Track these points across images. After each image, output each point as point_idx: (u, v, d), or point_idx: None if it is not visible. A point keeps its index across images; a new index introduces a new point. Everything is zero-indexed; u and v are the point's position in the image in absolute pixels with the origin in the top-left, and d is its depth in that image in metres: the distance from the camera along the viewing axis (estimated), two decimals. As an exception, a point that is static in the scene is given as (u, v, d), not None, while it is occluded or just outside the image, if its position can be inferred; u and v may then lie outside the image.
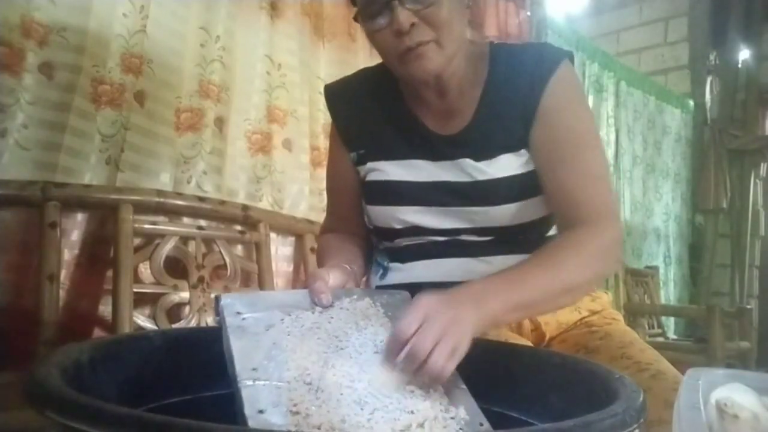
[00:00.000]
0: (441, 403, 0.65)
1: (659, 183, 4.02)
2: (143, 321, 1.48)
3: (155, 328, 1.46)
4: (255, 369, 0.62)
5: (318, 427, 0.57)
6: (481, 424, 0.65)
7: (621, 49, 4.50)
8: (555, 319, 1.01)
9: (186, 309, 1.58)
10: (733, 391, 0.66)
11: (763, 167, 4.19)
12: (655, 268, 3.83)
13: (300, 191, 1.97)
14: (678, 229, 4.19)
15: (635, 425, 0.51)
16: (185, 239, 1.62)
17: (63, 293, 1.41)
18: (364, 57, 2.10)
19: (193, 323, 1.55)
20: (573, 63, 0.93)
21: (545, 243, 0.92)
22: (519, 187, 0.90)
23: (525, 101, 0.89)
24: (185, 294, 1.57)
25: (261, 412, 0.58)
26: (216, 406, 0.69)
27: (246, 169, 1.85)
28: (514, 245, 0.92)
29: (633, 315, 3.29)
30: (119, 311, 1.41)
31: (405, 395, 0.64)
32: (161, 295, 1.53)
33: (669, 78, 4.39)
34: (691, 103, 4.28)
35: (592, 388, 0.64)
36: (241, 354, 0.63)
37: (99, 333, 1.48)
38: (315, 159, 2.01)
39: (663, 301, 3.81)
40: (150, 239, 1.56)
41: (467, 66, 0.92)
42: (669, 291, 4.05)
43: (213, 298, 0.75)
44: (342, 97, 1.02)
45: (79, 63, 1.49)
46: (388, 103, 0.97)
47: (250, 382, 0.61)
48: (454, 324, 0.65)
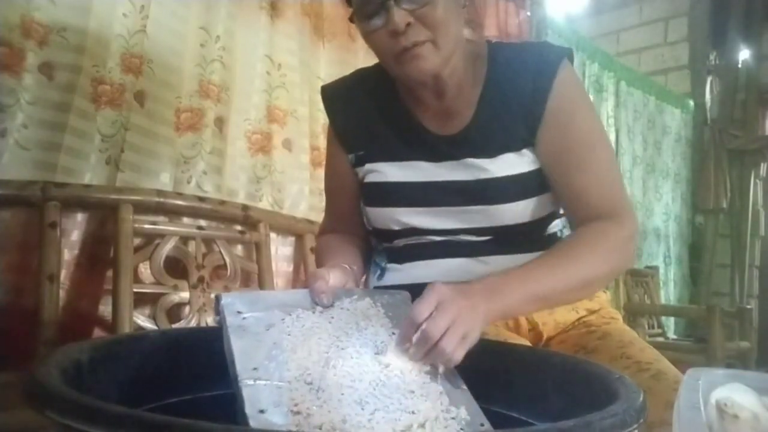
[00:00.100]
0: (442, 404, 0.65)
1: (659, 183, 4.02)
2: (143, 321, 1.48)
3: (155, 328, 1.46)
4: (256, 369, 0.62)
5: (319, 427, 0.57)
6: (482, 424, 0.65)
7: (621, 49, 4.50)
8: (552, 319, 1.01)
9: (186, 309, 1.58)
10: (733, 391, 0.66)
11: (763, 167, 4.19)
12: (655, 268, 3.83)
13: (300, 191, 1.97)
14: (678, 229, 4.19)
15: (635, 425, 0.51)
16: (185, 239, 1.62)
17: (63, 293, 1.41)
18: (364, 57, 2.10)
19: (193, 323, 1.55)
20: (573, 60, 0.93)
21: (544, 243, 0.92)
22: (521, 186, 0.90)
23: (529, 103, 0.89)
24: (185, 294, 1.57)
25: (262, 411, 0.58)
26: (216, 406, 0.69)
27: (246, 169, 1.85)
28: (512, 245, 0.92)
29: (633, 315, 3.28)
30: (119, 311, 1.41)
31: (406, 395, 0.64)
32: (161, 295, 1.53)
33: (669, 78, 4.39)
34: (691, 103, 4.28)
35: (591, 388, 0.64)
36: (242, 354, 0.63)
37: (99, 333, 1.48)
38: (315, 159, 2.01)
39: (663, 301, 3.81)
40: (150, 239, 1.56)
41: (465, 66, 0.92)
42: (669, 291, 4.05)
43: (213, 297, 0.75)
44: (339, 98, 1.01)
45: (79, 63, 1.49)
46: (386, 104, 0.97)
47: (250, 381, 0.61)
48: (466, 312, 0.67)
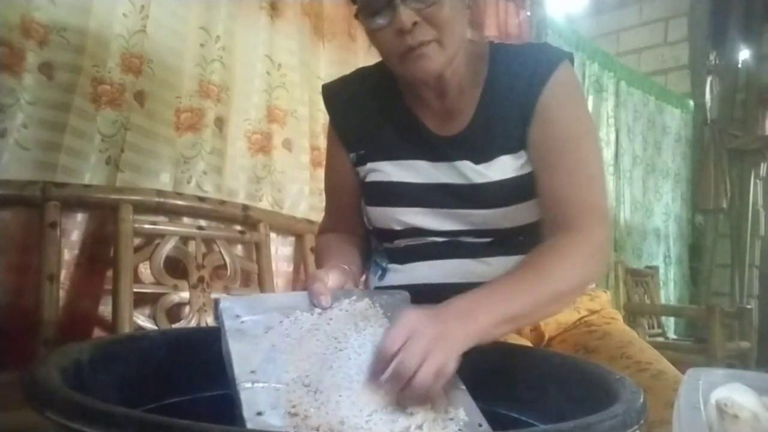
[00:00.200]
0: (440, 405, 0.65)
1: (659, 183, 4.01)
2: (143, 321, 1.48)
3: (155, 328, 1.46)
4: (253, 371, 0.62)
5: (317, 429, 0.57)
6: (480, 424, 0.65)
7: (621, 49, 4.50)
8: (554, 319, 1.01)
9: (186, 309, 1.58)
10: (733, 391, 0.66)
11: (763, 167, 4.18)
12: (655, 268, 3.83)
13: (300, 191, 1.97)
14: (678, 229, 4.19)
15: (635, 426, 0.51)
16: (185, 239, 1.62)
17: (63, 293, 1.41)
18: (364, 57, 2.10)
19: (193, 323, 1.54)
20: (573, 64, 0.93)
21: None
22: (517, 190, 0.90)
23: (523, 101, 0.88)
24: (185, 294, 1.57)
25: (259, 414, 0.57)
26: (216, 406, 0.69)
27: (246, 169, 1.85)
28: (513, 246, 0.92)
29: (633, 315, 3.28)
30: (119, 311, 1.41)
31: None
32: (161, 295, 1.53)
33: (669, 78, 4.39)
34: (691, 103, 4.27)
35: (592, 388, 0.64)
36: (240, 357, 0.63)
37: (99, 333, 1.48)
38: (315, 159, 2.01)
39: (663, 301, 3.81)
40: (150, 239, 1.56)
41: (467, 66, 0.92)
42: (669, 291, 4.05)
43: (213, 299, 0.75)
44: (340, 97, 1.01)
45: (79, 63, 1.49)
46: (387, 103, 0.96)
47: (248, 384, 0.60)
48: (441, 340, 0.62)
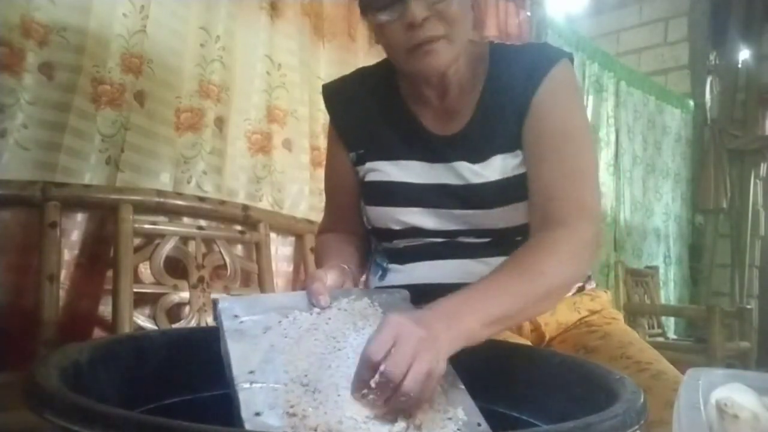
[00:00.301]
0: (439, 404, 0.65)
1: (659, 183, 4.01)
2: (143, 321, 1.48)
3: (155, 328, 1.46)
4: (252, 372, 0.62)
5: (315, 429, 0.57)
6: (479, 424, 0.65)
7: (621, 49, 4.50)
8: (555, 319, 1.01)
9: (186, 309, 1.58)
10: (733, 391, 0.66)
11: (763, 167, 4.19)
12: (655, 268, 3.83)
13: (300, 191, 1.97)
14: (678, 229, 4.19)
15: (636, 426, 0.51)
16: (185, 239, 1.62)
17: (63, 293, 1.41)
18: (364, 57, 2.10)
19: (193, 323, 1.54)
20: (573, 63, 0.93)
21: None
22: (514, 190, 0.89)
23: (520, 98, 0.88)
24: (185, 294, 1.57)
25: (258, 414, 0.57)
26: (216, 406, 0.69)
27: (246, 169, 1.85)
28: (512, 246, 0.91)
29: (633, 315, 3.29)
30: (119, 311, 1.41)
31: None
32: (161, 295, 1.53)
33: (669, 78, 4.39)
34: (691, 103, 4.27)
35: (592, 388, 0.64)
36: (239, 357, 0.63)
37: (99, 333, 1.48)
38: (315, 159, 2.01)
39: (663, 301, 3.81)
40: (150, 239, 1.56)
41: (468, 66, 0.92)
42: (669, 291, 4.04)
43: (212, 300, 0.75)
44: (340, 97, 1.01)
45: (79, 63, 1.49)
46: (387, 103, 0.96)
47: (246, 384, 0.60)
48: (427, 344, 0.60)
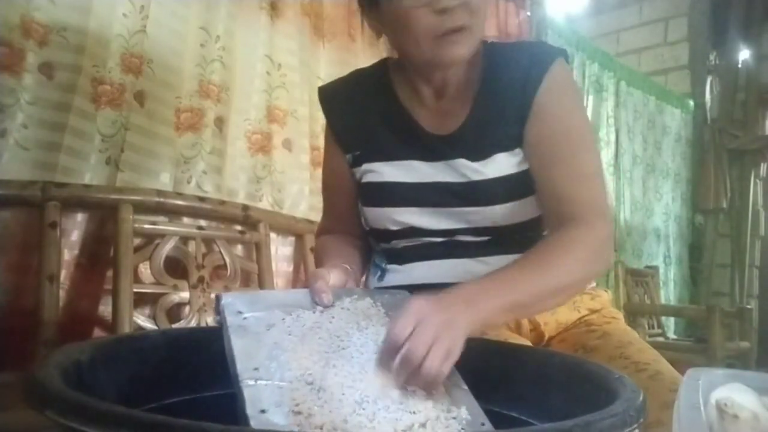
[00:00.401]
0: (443, 403, 0.65)
1: (659, 183, 4.02)
2: (143, 321, 1.48)
3: (155, 328, 1.46)
4: (257, 369, 0.62)
5: (320, 427, 0.57)
6: (483, 423, 0.65)
7: (621, 49, 4.50)
8: (554, 319, 1.01)
9: (186, 309, 1.58)
10: (733, 391, 0.66)
11: (763, 167, 4.19)
12: (655, 268, 3.83)
13: (300, 191, 1.97)
14: (678, 229, 4.19)
15: (635, 425, 0.51)
16: (185, 239, 1.62)
17: (63, 293, 1.41)
18: (364, 57, 2.10)
19: (193, 323, 1.54)
20: (567, 61, 0.93)
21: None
22: (514, 187, 0.90)
23: (519, 99, 0.89)
24: (185, 294, 1.57)
25: (263, 411, 0.57)
26: (216, 406, 0.69)
27: (246, 169, 1.85)
28: (511, 245, 0.92)
29: (633, 315, 3.29)
30: (119, 311, 1.41)
31: (407, 395, 0.64)
32: (161, 295, 1.53)
33: (669, 78, 4.39)
34: (691, 103, 4.28)
35: (591, 388, 0.64)
36: (243, 353, 0.63)
37: (99, 333, 1.48)
38: (315, 159, 2.01)
39: (663, 301, 3.81)
40: (150, 239, 1.56)
41: (465, 65, 0.91)
42: (669, 291, 4.05)
43: (213, 297, 0.75)
44: (337, 99, 1.01)
45: (79, 63, 1.49)
46: (382, 104, 0.97)
47: (251, 381, 0.60)
48: (447, 327, 0.65)
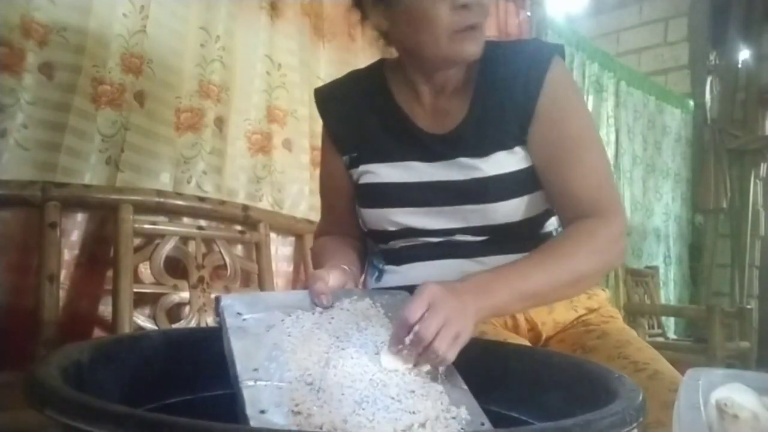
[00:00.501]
0: (442, 403, 0.65)
1: (659, 183, 4.02)
2: (143, 321, 1.48)
3: (155, 328, 1.46)
4: (256, 369, 0.62)
5: (320, 428, 0.57)
6: (482, 423, 0.65)
7: (621, 49, 4.50)
8: (551, 318, 1.01)
9: (186, 309, 1.58)
10: (733, 391, 0.66)
11: (763, 167, 4.19)
12: (655, 268, 3.83)
13: (300, 191, 1.97)
14: (678, 229, 4.19)
15: (634, 424, 0.51)
16: (185, 239, 1.62)
17: (63, 293, 1.41)
18: (364, 57, 2.10)
19: (193, 323, 1.54)
20: (564, 56, 0.93)
21: (540, 242, 0.92)
22: (514, 185, 0.90)
23: (521, 100, 0.89)
24: (185, 294, 1.57)
25: (263, 412, 0.58)
26: (216, 406, 0.69)
27: (246, 169, 1.85)
28: (508, 245, 0.92)
29: (633, 315, 3.29)
30: (119, 311, 1.41)
31: (406, 395, 0.64)
32: (161, 295, 1.53)
33: (669, 78, 4.39)
34: (691, 103, 4.28)
35: (591, 387, 0.64)
36: (242, 354, 0.64)
37: (99, 333, 1.48)
38: (315, 159, 2.01)
39: (663, 301, 3.81)
40: (150, 239, 1.56)
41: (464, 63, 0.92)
42: (669, 291, 4.05)
43: (213, 298, 0.75)
44: (333, 100, 1.01)
45: (79, 63, 1.49)
46: (379, 105, 0.97)
47: (251, 382, 0.61)
48: (457, 312, 0.67)
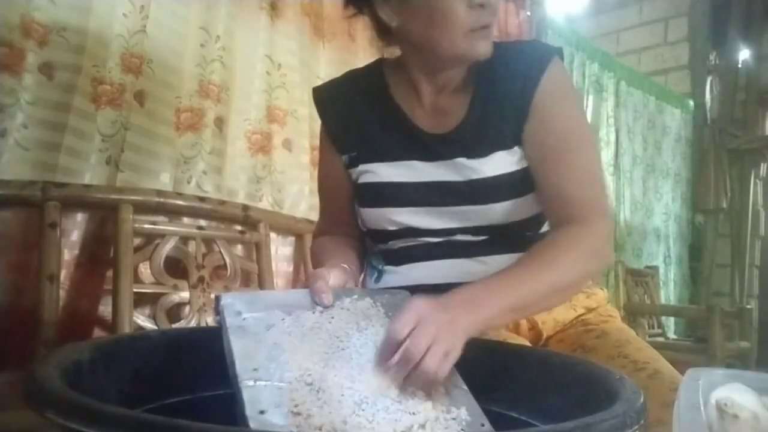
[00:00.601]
0: (442, 404, 0.65)
1: (659, 183, 4.02)
2: (143, 321, 1.48)
3: (155, 328, 1.46)
4: (256, 369, 0.62)
5: (319, 428, 0.57)
6: (483, 424, 0.65)
7: (621, 49, 4.50)
8: (552, 318, 1.01)
9: (186, 309, 1.58)
10: (733, 391, 0.66)
11: (763, 167, 4.19)
12: (655, 268, 3.83)
13: (300, 191, 1.97)
14: (678, 229, 4.19)
15: (635, 427, 0.51)
16: (185, 239, 1.62)
17: (63, 293, 1.41)
18: (364, 57, 2.09)
19: (193, 323, 1.54)
20: (563, 58, 0.93)
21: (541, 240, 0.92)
22: (513, 185, 0.90)
23: (518, 99, 0.89)
24: (185, 294, 1.57)
25: (262, 412, 0.57)
26: (216, 406, 0.69)
27: (246, 169, 1.85)
28: (509, 244, 0.92)
29: (633, 315, 3.29)
30: (119, 311, 1.40)
31: (406, 396, 0.64)
32: (161, 295, 1.53)
33: (669, 78, 4.39)
34: (691, 103, 4.28)
35: (592, 388, 0.64)
36: (242, 354, 0.63)
37: (99, 333, 1.48)
38: (315, 159, 2.00)
39: (663, 301, 3.81)
40: (150, 239, 1.56)
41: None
42: (669, 291, 4.05)
43: (213, 297, 0.75)
44: (331, 100, 1.01)
45: (79, 63, 1.48)
46: (378, 104, 0.96)
47: (251, 382, 0.60)
48: (447, 327, 0.65)
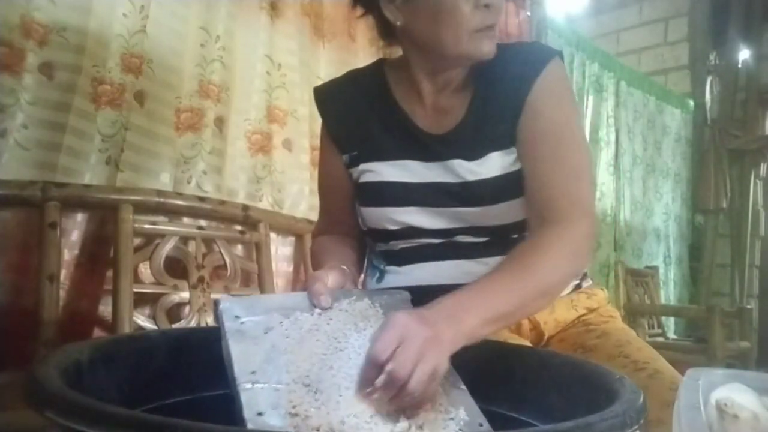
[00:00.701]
0: (440, 404, 0.65)
1: (659, 183, 4.02)
2: (143, 321, 1.48)
3: (155, 328, 1.46)
4: (254, 372, 0.62)
5: (317, 429, 0.57)
6: (481, 424, 0.65)
7: (621, 49, 4.50)
8: (553, 318, 1.01)
9: (186, 309, 1.58)
10: (733, 391, 0.66)
11: (763, 167, 4.19)
12: (655, 268, 3.83)
13: (300, 191, 1.97)
14: (678, 229, 4.19)
15: (635, 426, 0.51)
16: (185, 239, 1.62)
17: (63, 293, 1.41)
18: (364, 57, 2.10)
19: (193, 323, 1.54)
20: (563, 61, 0.93)
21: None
22: (510, 186, 0.90)
23: (514, 98, 0.89)
24: (185, 294, 1.57)
25: (260, 414, 0.58)
26: (216, 406, 0.69)
27: (246, 169, 1.85)
28: (509, 245, 0.91)
29: (633, 315, 3.29)
30: (119, 311, 1.40)
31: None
32: (161, 295, 1.53)
33: (669, 78, 4.39)
34: (691, 103, 4.28)
35: (592, 388, 0.64)
36: (240, 358, 0.63)
37: (99, 333, 1.48)
38: (315, 159, 2.00)
39: (663, 301, 3.81)
40: (150, 239, 1.56)
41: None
42: (669, 291, 4.05)
43: (213, 301, 0.75)
44: (332, 99, 1.01)
45: (79, 63, 1.48)
46: (378, 104, 0.96)
47: (248, 385, 0.60)
48: (431, 344, 0.62)
